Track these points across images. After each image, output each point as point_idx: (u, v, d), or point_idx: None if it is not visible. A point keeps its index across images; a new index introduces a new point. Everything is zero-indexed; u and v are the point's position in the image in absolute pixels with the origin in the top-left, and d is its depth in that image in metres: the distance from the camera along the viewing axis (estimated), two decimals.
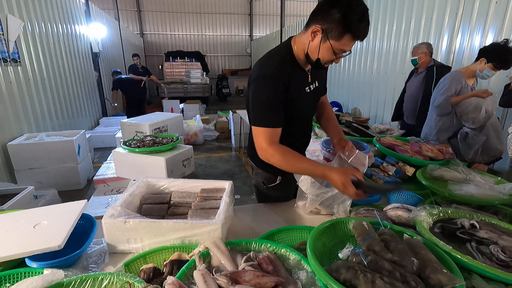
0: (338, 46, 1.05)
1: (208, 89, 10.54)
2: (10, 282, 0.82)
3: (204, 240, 0.93)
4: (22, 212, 1.14)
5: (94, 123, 6.35)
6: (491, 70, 2.19)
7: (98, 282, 0.78)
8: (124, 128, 3.64)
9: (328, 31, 1.03)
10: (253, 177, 1.54)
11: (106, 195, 2.86)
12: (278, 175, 1.42)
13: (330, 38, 1.04)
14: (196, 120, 5.92)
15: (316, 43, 1.08)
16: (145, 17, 13.92)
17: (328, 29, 1.03)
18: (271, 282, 0.74)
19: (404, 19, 4.12)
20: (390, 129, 2.83)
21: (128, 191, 1.19)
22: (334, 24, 1.01)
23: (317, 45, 1.08)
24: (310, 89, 1.27)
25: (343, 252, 0.85)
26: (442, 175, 1.51)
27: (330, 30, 1.03)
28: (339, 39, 1.03)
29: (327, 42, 1.05)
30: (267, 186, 1.46)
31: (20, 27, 3.61)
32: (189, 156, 2.66)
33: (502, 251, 0.85)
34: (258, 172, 1.47)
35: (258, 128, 1.15)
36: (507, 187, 1.30)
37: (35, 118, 3.93)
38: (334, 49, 1.06)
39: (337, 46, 1.05)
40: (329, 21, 1.02)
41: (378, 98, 4.73)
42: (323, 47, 1.07)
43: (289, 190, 1.49)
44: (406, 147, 1.86)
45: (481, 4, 3.05)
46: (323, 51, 1.08)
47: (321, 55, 1.10)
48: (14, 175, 3.34)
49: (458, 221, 1.03)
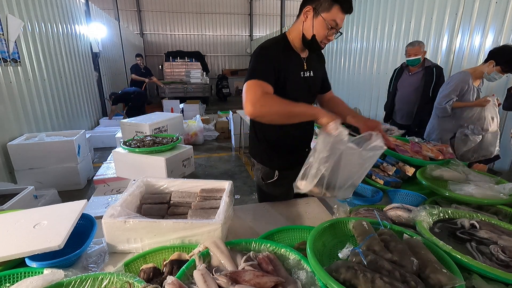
0: (329, 17, 1.17)
1: (208, 89, 10.54)
2: (10, 282, 0.82)
3: (204, 240, 0.93)
4: (22, 212, 1.14)
5: (94, 123, 6.35)
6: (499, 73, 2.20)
7: (98, 282, 0.78)
8: (124, 128, 3.64)
9: (317, 6, 1.17)
10: (254, 174, 1.58)
11: (106, 195, 2.86)
12: (276, 170, 1.46)
13: (321, 11, 1.17)
14: (196, 120, 5.92)
15: (309, 21, 1.20)
16: (145, 17, 13.92)
17: (317, 5, 1.17)
18: (271, 282, 0.74)
19: (404, 19, 4.12)
20: (390, 129, 2.82)
21: (128, 191, 1.19)
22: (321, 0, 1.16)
23: (310, 23, 1.20)
24: (305, 75, 1.34)
25: (343, 252, 0.85)
26: (442, 175, 1.51)
27: (320, 5, 1.17)
28: (329, 10, 1.16)
29: (319, 17, 1.18)
30: (266, 183, 1.50)
31: (20, 27, 3.61)
32: (189, 156, 2.66)
33: (502, 251, 0.85)
34: (258, 167, 1.51)
35: (248, 82, 1.16)
36: (507, 187, 1.30)
37: (35, 118, 3.93)
38: (326, 21, 1.17)
39: (328, 17, 1.17)
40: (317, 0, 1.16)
41: (378, 98, 4.73)
42: (316, 22, 1.19)
43: (288, 188, 1.45)
44: (406, 147, 1.86)
45: (481, 4, 3.05)
46: (317, 26, 1.20)
47: (315, 30, 1.20)
48: (14, 175, 3.34)
49: (458, 221, 1.03)
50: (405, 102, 3.11)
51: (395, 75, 3.23)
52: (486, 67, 2.23)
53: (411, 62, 2.96)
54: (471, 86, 2.32)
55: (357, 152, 1.05)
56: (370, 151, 1.05)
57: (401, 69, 3.16)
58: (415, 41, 2.91)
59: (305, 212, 1.36)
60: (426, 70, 2.92)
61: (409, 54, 2.92)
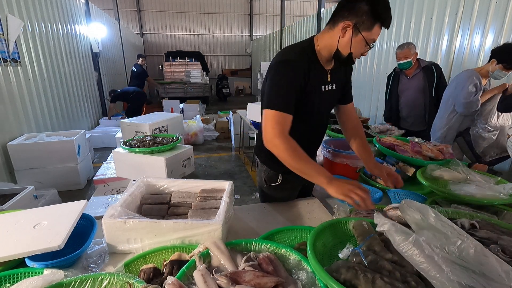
0: (369, 36, 1.10)
1: (208, 89, 10.54)
2: (10, 282, 0.82)
3: (204, 240, 0.93)
4: (22, 212, 1.14)
5: (94, 123, 6.35)
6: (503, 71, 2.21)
7: (98, 282, 0.78)
8: (124, 128, 3.64)
9: (359, 24, 1.08)
10: (257, 175, 1.54)
11: (106, 195, 2.86)
12: (280, 173, 1.40)
13: (362, 30, 1.08)
14: (196, 120, 5.92)
15: (348, 38, 1.11)
16: (145, 17, 13.91)
17: (358, 22, 1.07)
18: (271, 282, 0.74)
19: (404, 19, 4.12)
20: (390, 129, 2.82)
21: (128, 191, 1.19)
22: (364, 16, 1.06)
23: (348, 40, 1.11)
24: (326, 88, 1.26)
25: (343, 252, 0.85)
26: (442, 175, 1.51)
27: (361, 23, 1.07)
28: (370, 29, 1.08)
29: (359, 35, 1.09)
30: (269, 185, 1.45)
31: (20, 27, 3.61)
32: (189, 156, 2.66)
33: (502, 251, 0.85)
34: (262, 169, 1.46)
35: (269, 111, 1.12)
36: (507, 187, 1.30)
37: (35, 118, 3.93)
38: (367, 39, 1.10)
39: (369, 36, 1.10)
40: (358, 15, 1.06)
41: (378, 98, 4.73)
42: (355, 40, 1.11)
43: (290, 192, 1.48)
44: (406, 147, 1.86)
45: (481, 4, 3.05)
46: (355, 45, 1.11)
47: (353, 49, 1.12)
48: (14, 175, 3.34)
49: (458, 221, 1.03)
50: (412, 107, 2.94)
51: (391, 80, 3.08)
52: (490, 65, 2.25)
53: (402, 65, 2.84)
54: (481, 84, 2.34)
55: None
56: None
57: (396, 74, 3.02)
58: (404, 44, 2.80)
59: (305, 213, 1.36)
60: (425, 70, 2.81)
61: (398, 58, 2.82)
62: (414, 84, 2.88)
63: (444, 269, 0.68)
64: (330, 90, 1.28)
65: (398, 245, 0.75)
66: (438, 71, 2.76)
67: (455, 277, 0.66)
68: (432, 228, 0.82)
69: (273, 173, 1.42)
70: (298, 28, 8.06)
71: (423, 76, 2.82)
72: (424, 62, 2.84)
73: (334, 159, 1.61)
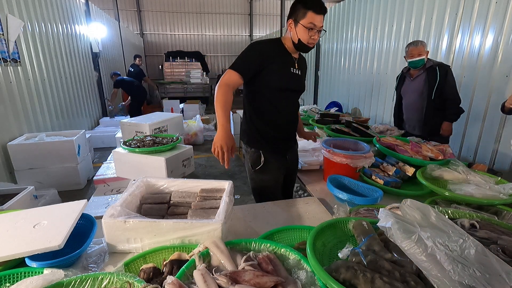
0: (306, 22, 1.42)
1: (208, 89, 10.53)
2: (10, 282, 0.82)
3: (204, 240, 0.94)
4: (22, 212, 1.14)
5: (94, 123, 6.35)
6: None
7: (98, 282, 0.78)
8: (124, 128, 3.64)
9: (295, 17, 1.45)
10: (245, 166, 1.74)
11: (106, 195, 2.86)
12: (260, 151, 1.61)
13: (299, 20, 1.44)
14: (196, 120, 5.92)
15: (293, 30, 1.48)
16: (145, 17, 13.91)
17: (295, 16, 1.45)
18: (271, 282, 0.74)
19: (404, 19, 4.12)
20: (390, 129, 2.82)
21: (128, 191, 1.19)
22: (297, 10, 1.44)
23: (294, 31, 1.48)
24: (294, 71, 1.58)
25: (343, 252, 0.85)
26: (442, 175, 1.51)
27: (297, 16, 1.45)
28: (305, 16, 1.42)
29: (299, 25, 1.45)
30: (255, 170, 1.63)
31: (20, 27, 3.61)
32: (189, 156, 2.66)
33: (502, 251, 0.85)
34: (247, 154, 1.67)
35: (229, 69, 1.49)
36: (507, 187, 1.30)
37: (35, 118, 3.93)
38: (306, 25, 1.43)
39: (305, 22, 1.42)
40: (294, 11, 1.46)
41: (378, 98, 4.73)
42: (298, 30, 1.46)
43: (275, 174, 1.67)
44: (406, 147, 1.86)
45: (481, 4, 3.05)
46: (300, 32, 1.46)
47: (300, 35, 1.47)
48: (14, 175, 3.34)
49: (458, 221, 1.03)
50: (412, 110, 2.81)
51: (398, 82, 2.95)
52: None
53: (414, 63, 2.63)
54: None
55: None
56: None
57: (402, 75, 2.89)
58: (417, 40, 2.63)
59: (305, 212, 1.36)
60: (428, 71, 2.63)
61: (412, 55, 2.61)
62: (415, 87, 2.75)
63: (445, 268, 0.68)
64: (297, 74, 1.59)
65: (401, 242, 0.75)
66: (442, 72, 2.56)
67: (457, 277, 0.66)
68: (434, 227, 0.82)
69: (256, 154, 1.62)
70: None
71: (424, 78, 2.66)
72: (431, 62, 2.65)
73: (334, 159, 1.61)
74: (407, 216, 0.88)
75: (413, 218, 0.86)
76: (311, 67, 7.07)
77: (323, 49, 6.51)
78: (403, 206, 0.91)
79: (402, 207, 0.92)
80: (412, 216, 0.87)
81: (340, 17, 5.70)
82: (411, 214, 0.87)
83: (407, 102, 2.87)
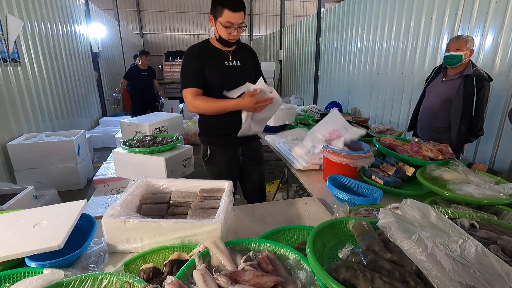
0: (223, 20, 1.50)
1: None
2: (10, 282, 0.82)
3: (204, 240, 0.93)
4: (22, 212, 1.14)
5: (94, 123, 6.35)
6: None
7: (98, 282, 0.78)
8: (124, 128, 3.64)
9: (215, 14, 1.54)
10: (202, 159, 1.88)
11: (106, 195, 2.86)
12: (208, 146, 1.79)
13: (217, 17, 1.52)
14: (196, 120, 5.91)
15: (214, 27, 1.58)
16: (145, 17, 13.91)
17: (214, 13, 1.54)
18: (271, 282, 0.74)
19: (404, 19, 4.12)
20: (390, 129, 2.82)
21: (128, 191, 1.19)
22: (215, 8, 1.51)
23: (215, 28, 1.57)
24: (229, 64, 1.67)
25: (343, 252, 0.85)
26: (441, 175, 1.51)
27: (215, 13, 1.53)
28: (221, 14, 1.49)
29: (218, 22, 1.53)
30: (204, 161, 1.84)
31: (20, 27, 3.61)
32: (189, 156, 2.66)
33: (502, 251, 0.85)
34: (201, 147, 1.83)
35: (184, 90, 1.60)
36: (507, 187, 1.30)
37: (35, 118, 3.93)
38: (223, 24, 1.51)
39: (223, 20, 1.50)
40: (213, 9, 1.53)
41: (378, 98, 4.73)
42: (217, 27, 1.55)
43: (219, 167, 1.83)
44: (406, 147, 1.86)
45: (481, 4, 3.05)
46: (219, 29, 1.55)
47: (220, 32, 1.56)
48: (14, 175, 3.34)
49: (458, 221, 1.03)
50: (427, 114, 2.47)
51: (431, 75, 2.53)
52: None
53: (448, 59, 2.25)
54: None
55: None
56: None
57: (437, 71, 2.49)
58: (462, 35, 2.26)
59: (305, 212, 1.36)
60: (466, 79, 2.18)
61: (448, 49, 2.24)
62: (443, 90, 2.34)
63: (445, 268, 0.68)
64: (235, 66, 1.68)
65: (401, 241, 0.75)
66: (478, 86, 2.14)
67: (457, 277, 0.66)
68: (434, 227, 0.82)
69: (205, 148, 1.81)
70: (298, 28, 8.05)
71: (459, 84, 2.22)
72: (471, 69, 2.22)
73: (334, 159, 1.61)
74: (407, 216, 0.88)
75: (413, 218, 0.86)
76: (311, 67, 7.07)
77: (323, 49, 6.51)
78: (403, 206, 0.91)
79: (402, 207, 0.92)
80: (412, 216, 0.87)
81: (340, 17, 5.70)
82: (411, 214, 0.87)
83: (426, 103, 2.51)
